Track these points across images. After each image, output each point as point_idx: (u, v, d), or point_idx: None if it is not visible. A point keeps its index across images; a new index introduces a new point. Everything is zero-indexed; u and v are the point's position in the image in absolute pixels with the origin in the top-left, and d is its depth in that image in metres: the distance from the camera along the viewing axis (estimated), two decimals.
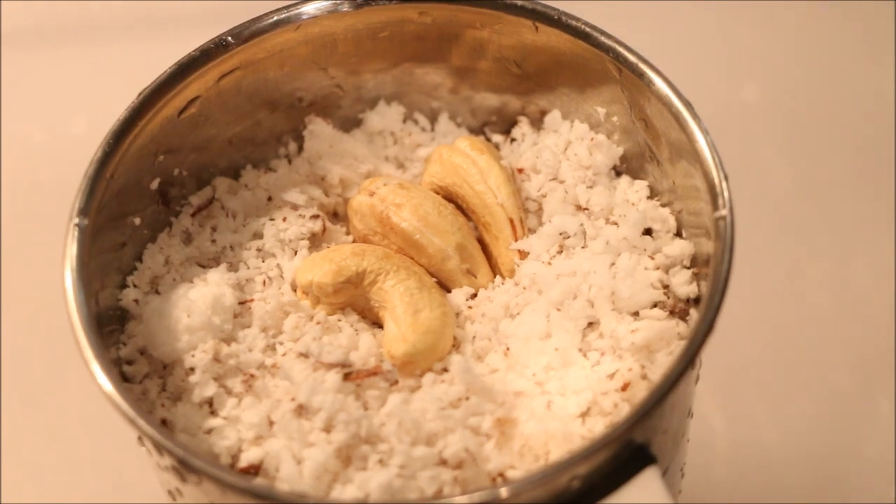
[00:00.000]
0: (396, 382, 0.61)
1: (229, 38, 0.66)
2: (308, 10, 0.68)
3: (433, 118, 0.73)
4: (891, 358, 0.89)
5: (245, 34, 0.67)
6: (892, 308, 0.91)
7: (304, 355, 0.61)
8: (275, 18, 0.67)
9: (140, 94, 0.64)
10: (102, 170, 0.62)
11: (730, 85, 1.04)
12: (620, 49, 0.65)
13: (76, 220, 0.61)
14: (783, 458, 0.86)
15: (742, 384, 0.89)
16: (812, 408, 0.88)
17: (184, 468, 0.55)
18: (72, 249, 0.60)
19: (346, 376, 0.60)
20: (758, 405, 0.88)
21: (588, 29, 0.66)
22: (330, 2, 0.68)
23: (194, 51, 0.66)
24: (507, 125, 0.73)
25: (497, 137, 0.72)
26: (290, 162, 0.72)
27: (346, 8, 0.68)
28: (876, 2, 1.07)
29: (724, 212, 0.59)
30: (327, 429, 0.59)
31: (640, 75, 0.64)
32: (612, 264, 0.63)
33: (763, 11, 1.08)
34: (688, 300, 0.64)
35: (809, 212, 0.97)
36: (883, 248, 0.95)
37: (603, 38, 0.66)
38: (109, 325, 0.63)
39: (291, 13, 0.67)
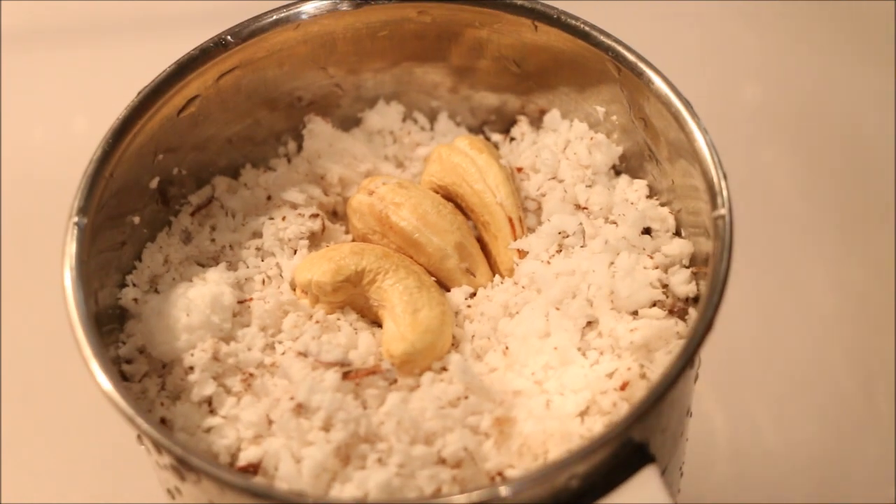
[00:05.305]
0: (395, 381, 0.61)
1: (229, 38, 0.66)
2: (307, 9, 0.68)
3: (432, 117, 0.73)
4: (891, 358, 0.89)
5: (244, 33, 0.67)
6: (892, 308, 0.91)
7: (303, 354, 0.61)
8: (274, 18, 0.67)
9: (139, 94, 0.64)
10: (102, 169, 0.62)
11: (730, 85, 1.04)
12: (620, 49, 0.65)
13: (75, 219, 0.61)
14: (783, 458, 0.86)
15: (742, 383, 0.89)
16: (812, 407, 0.88)
17: (183, 467, 0.56)
18: (71, 248, 0.60)
19: (345, 375, 0.60)
20: (757, 404, 0.88)
21: (588, 28, 0.66)
22: (329, 1, 0.68)
23: (194, 50, 0.66)
24: (506, 124, 0.73)
25: (496, 136, 0.72)
26: (289, 161, 0.72)
27: (345, 7, 0.68)
28: (876, 2, 1.07)
29: (722, 211, 0.59)
30: (326, 428, 0.59)
31: (640, 75, 0.64)
32: (611, 263, 0.63)
33: (763, 11, 1.08)
34: (687, 299, 0.64)
35: (809, 212, 0.97)
36: (883, 248, 0.94)
37: (603, 38, 0.66)
38: (109, 323, 0.64)
39: (291, 12, 0.68)
